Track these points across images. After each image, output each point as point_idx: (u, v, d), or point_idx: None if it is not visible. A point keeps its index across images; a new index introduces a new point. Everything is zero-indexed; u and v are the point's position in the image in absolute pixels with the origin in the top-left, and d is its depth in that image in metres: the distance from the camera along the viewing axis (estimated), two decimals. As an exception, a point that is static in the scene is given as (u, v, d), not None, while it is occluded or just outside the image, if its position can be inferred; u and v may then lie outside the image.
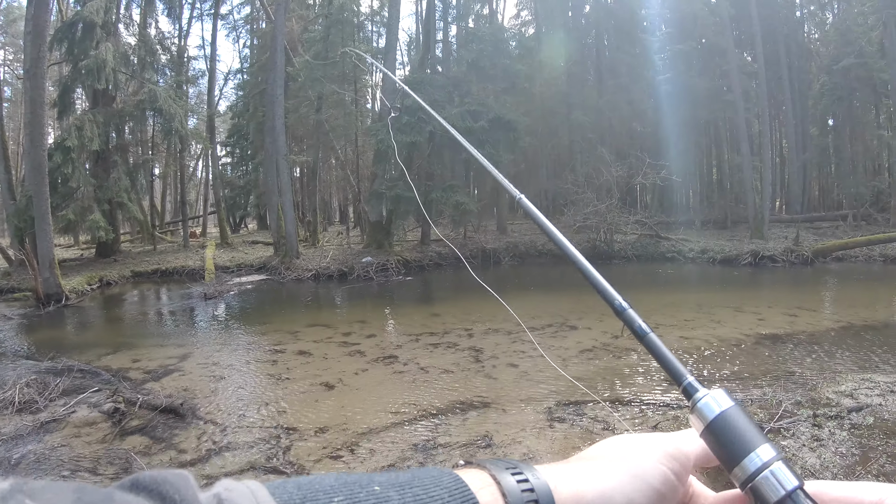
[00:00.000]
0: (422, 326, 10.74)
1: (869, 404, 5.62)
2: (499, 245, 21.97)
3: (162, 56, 24.60)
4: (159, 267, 20.15)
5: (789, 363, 7.85)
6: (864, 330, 10.18)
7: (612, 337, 9.42)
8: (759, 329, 9.98)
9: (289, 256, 19.56)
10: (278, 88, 20.09)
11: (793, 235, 22.52)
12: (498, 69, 21.41)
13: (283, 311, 13.60)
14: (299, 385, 7.35)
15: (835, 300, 14.34)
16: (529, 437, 5.29)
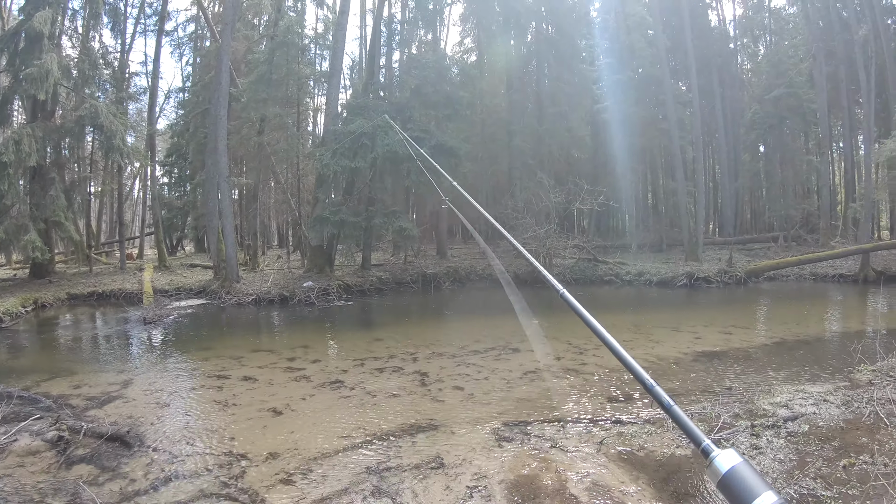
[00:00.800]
0: (366, 351, 10.72)
1: (803, 413, 5.95)
2: (439, 269, 22.07)
3: (104, 71, 23.97)
4: (96, 289, 19.42)
5: (726, 378, 8.15)
6: (797, 345, 10.70)
7: (554, 358, 9.65)
8: (696, 347, 10.35)
9: (229, 280, 19.18)
10: (222, 109, 19.78)
11: (726, 257, 23.40)
12: (440, 96, 21.65)
13: (226, 336, 13.36)
14: (246, 411, 7.25)
15: (768, 317, 14.94)
16: (480, 457, 5.35)
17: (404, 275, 21.36)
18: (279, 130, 24.06)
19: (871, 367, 7.65)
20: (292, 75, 24.37)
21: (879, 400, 6.10)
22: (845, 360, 8.60)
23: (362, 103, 21.46)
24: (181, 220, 33.96)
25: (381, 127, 19.46)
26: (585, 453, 5.35)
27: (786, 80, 30.21)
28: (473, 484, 4.76)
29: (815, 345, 11.04)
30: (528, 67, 27.41)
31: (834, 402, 6.32)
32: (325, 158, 19.33)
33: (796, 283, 21.92)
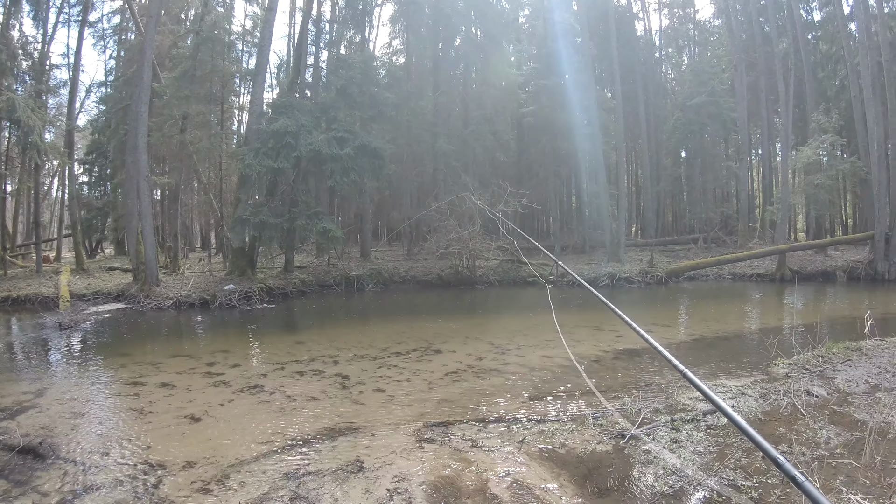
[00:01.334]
0: (287, 354, 10.58)
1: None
2: (362, 272, 22.02)
3: (23, 62, 22.84)
4: (10, 294, 18.51)
5: (646, 375, 8.37)
6: (716, 341, 11.16)
7: (475, 359, 9.72)
8: (616, 345, 10.58)
9: (148, 284, 18.59)
10: (143, 105, 19.11)
11: (647, 258, 24.30)
12: (366, 96, 21.64)
13: (144, 342, 12.92)
14: (163, 419, 7.05)
15: (688, 315, 15.46)
16: (400, 460, 5.29)
17: (327, 277, 21.21)
18: (202, 128, 23.51)
19: (788, 361, 7.93)
20: (217, 72, 23.91)
21: (796, 392, 6.36)
22: (763, 355, 8.89)
23: (287, 102, 21.18)
24: (101, 222, 32.53)
25: (304, 126, 19.33)
26: (506, 452, 5.35)
27: (708, 88, 31.60)
28: (394, 486, 4.73)
29: (734, 341, 11.53)
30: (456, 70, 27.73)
31: (752, 394, 6.49)
32: (248, 158, 19.00)
33: (715, 283, 22.96)
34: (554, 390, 7.74)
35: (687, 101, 32.57)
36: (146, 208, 19.46)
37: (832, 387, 6.65)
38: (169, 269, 22.75)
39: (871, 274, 21.71)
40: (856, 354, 8.12)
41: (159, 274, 19.92)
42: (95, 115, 34.86)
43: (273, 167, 19.11)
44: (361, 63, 22.48)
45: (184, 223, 29.59)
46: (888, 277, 21.19)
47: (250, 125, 22.11)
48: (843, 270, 22.63)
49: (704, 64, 34.31)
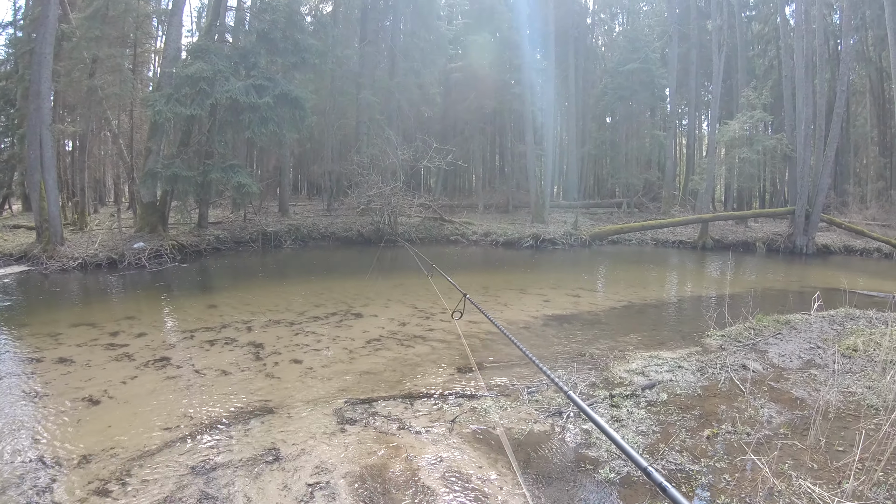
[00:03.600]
0: (197, 321, 9.92)
1: (660, 380, 6.00)
2: (280, 228, 21.51)
3: None
4: None
5: (579, 344, 8.11)
6: (644, 308, 11.20)
7: (399, 324, 9.35)
8: (545, 311, 10.42)
9: (52, 243, 17.39)
10: (47, 46, 17.54)
11: (572, 220, 24.77)
12: (289, 42, 20.73)
13: (43, 309, 11.77)
14: (58, 402, 6.32)
15: (613, 280, 15.46)
16: (320, 445, 4.88)
17: (244, 233, 20.56)
18: (114, 73, 22.05)
19: (721, 333, 8.05)
20: (131, 11, 22.40)
21: (732, 366, 6.41)
22: (693, 324, 8.97)
23: (204, 46, 20.08)
24: (8, 176, 30.39)
25: (221, 72, 18.47)
26: (437, 434, 5.01)
27: (641, 55, 32.14)
28: (314, 480, 4.33)
29: (662, 308, 11.62)
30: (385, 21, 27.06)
31: (689, 368, 6.46)
32: (159, 104, 17.96)
33: (638, 248, 23.61)
34: (483, 361, 7.38)
35: (619, 67, 33.09)
36: (49, 160, 18.17)
37: (766, 361, 6.76)
38: (77, 225, 21.54)
39: (790, 247, 22.69)
40: (785, 328, 8.31)
41: (64, 232, 18.82)
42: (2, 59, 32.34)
43: (186, 115, 18.20)
44: (286, 7, 21.47)
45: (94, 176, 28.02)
46: (806, 252, 22.25)
47: (164, 69, 20.92)
48: (763, 242, 23.78)
49: (638, 32, 34.84)
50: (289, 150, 25.07)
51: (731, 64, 31.31)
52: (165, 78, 20.06)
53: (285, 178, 25.85)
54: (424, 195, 23.07)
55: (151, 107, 18.46)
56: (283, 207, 25.46)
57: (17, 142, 28.06)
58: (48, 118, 18.35)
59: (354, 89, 25.16)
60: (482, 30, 28.01)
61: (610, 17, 45.10)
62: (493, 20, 28.87)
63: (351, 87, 25.28)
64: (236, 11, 24.47)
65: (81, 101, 22.41)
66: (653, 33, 36.39)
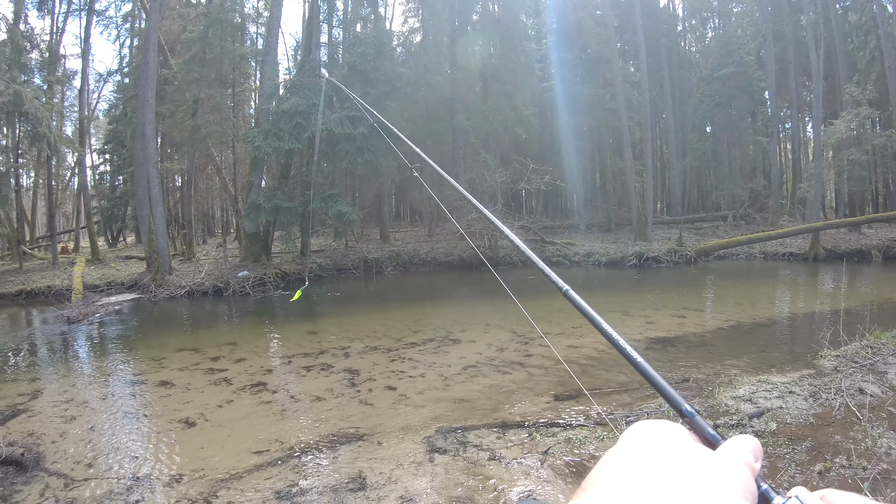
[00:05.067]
0: (296, 346, 10.03)
1: (769, 408, 5.52)
2: (381, 254, 21.47)
3: (32, 54, 22.44)
4: (24, 287, 18.27)
5: (682, 368, 7.67)
6: (753, 328, 10.37)
7: (497, 350, 9.04)
8: (648, 333, 9.92)
9: (161, 273, 18.20)
10: (150, 91, 18.64)
11: (675, 236, 23.38)
12: (380, 73, 20.93)
13: (150, 335, 12.42)
14: (157, 423, 6.58)
15: (720, 299, 14.56)
16: (407, 475, 4.73)
17: (345, 260, 20.70)
18: (214, 112, 23.04)
19: (835, 353, 7.25)
20: (227, 54, 23.36)
21: (848, 390, 5.75)
22: (805, 343, 8.25)
23: (298, 82, 20.57)
24: (121, 210, 32.52)
25: (316, 105, 18.64)
26: (528, 466, 4.73)
27: (735, 59, 30.42)
28: None
29: (772, 327, 10.79)
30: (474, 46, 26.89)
31: (800, 393, 5.92)
32: (257, 140, 18.46)
33: (746, 262, 22.06)
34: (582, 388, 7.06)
35: (713, 73, 31.44)
36: (156, 195, 19.05)
37: (886, 383, 6.04)
38: (185, 255, 22.37)
39: (909, 253, 20.37)
40: (907, 345, 7.41)
41: (173, 262, 19.56)
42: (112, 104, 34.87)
43: (284, 148, 18.60)
44: (375, 39, 21.77)
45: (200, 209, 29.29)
46: (928, 258, 19.94)
47: (260, 106, 21.56)
48: (879, 249, 21.43)
49: (731, 34, 33.06)
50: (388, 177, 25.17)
51: (831, 59, 28.86)
52: (263, 114, 20.62)
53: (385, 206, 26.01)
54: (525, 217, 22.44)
55: (251, 142, 18.92)
56: (384, 234, 25.60)
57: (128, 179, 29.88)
58: (154, 157, 19.19)
59: (448, 115, 25.03)
60: (571, 46, 27.30)
61: (701, 23, 43.16)
62: (581, 35, 28.13)
63: (445, 112, 25.16)
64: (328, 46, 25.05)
65: (186, 139, 23.45)
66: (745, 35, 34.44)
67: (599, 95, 27.31)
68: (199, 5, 29.11)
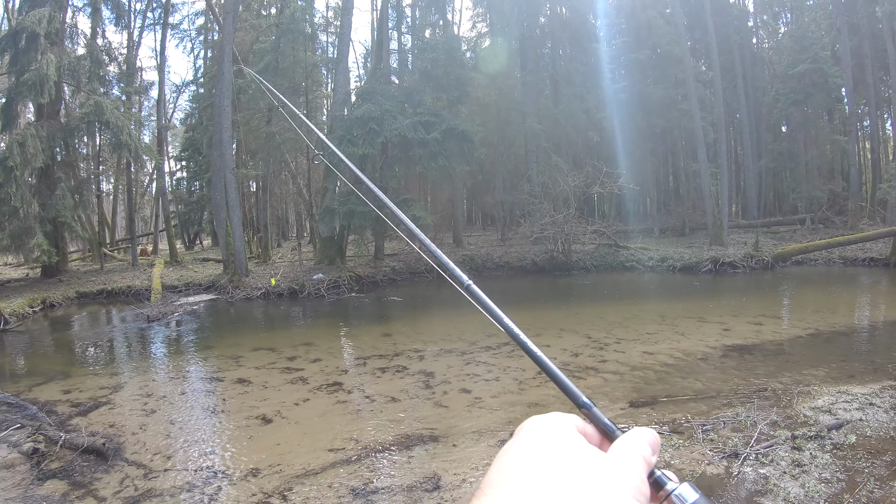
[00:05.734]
0: (371, 348, 10.15)
1: (849, 420, 5.35)
2: (454, 258, 21.21)
3: (110, 67, 23.57)
4: (105, 287, 19.16)
5: (760, 377, 7.46)
6: (833, 336, 10.00)
7: (571, 355, 8.98)
8: (724, 340, 9.67)
9: (237, 274, 18.77)
10: (225, 99, 19.34)
11: (751, 241, 22.53)
12: (451, 78, 21.02)
13: (228, 334, 12.87)
14: (234, 419, 6.78)
15: (799, 306, 14.07)
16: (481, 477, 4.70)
17: (419, 264, 20.81)
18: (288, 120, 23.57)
19: None
20: (299, 63, 23.89)
21: None
22: (887, 353, 7.99)
23: (370, 88, 20.88)
24: (198, 215, 33.85)
25: (389, 111, 18.84)
26: None
27: (810, 55, 29.06)
28: None
29: (853, 336, 10.38)
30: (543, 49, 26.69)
31: (881, 405, 5.71)
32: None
33: (825, 268, 21.07)
34: (657, 395, 6.89)
35: (788, 70, 30.12)
36: (233, 200, 19.64)
37: None
38: (260, 258, 22.96)
39: None
40: None
41: (249, 264, 20.09)
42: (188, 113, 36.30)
43: (358, 154, 18.75)
44: (445, 44, 21.85)
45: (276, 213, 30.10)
46: None
47: (333, 113, 21.95)
48: None
49: (804, 29, 31.59)
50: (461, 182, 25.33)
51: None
52: (336, 121, 21.00)
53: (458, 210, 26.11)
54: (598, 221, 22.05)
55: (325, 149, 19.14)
56: (457, 238, 25.72)
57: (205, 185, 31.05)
58: (231, 163, 19.78)
59: (520, 118, 24.95)
60: (641, 47, 26.73)
61: (772, 17, 41.52)
62: (651, 35, 27.50)
63: (516, 116, 25.10)
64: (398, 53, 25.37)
65: (261, 146, 24.12)
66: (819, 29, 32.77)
67: (671, 96, 26.63)
68: (271, 17, 29.97)
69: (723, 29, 30.76)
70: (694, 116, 24.94)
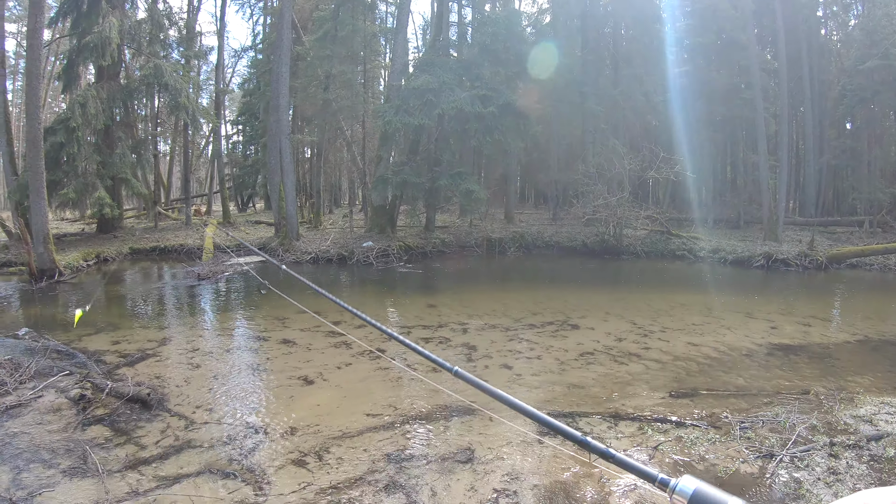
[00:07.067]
0: (416, 318, 10.30)
1: (890, 432, 5.23)
2: (505, 234, 21.38)
3: (170, 31, 24.05)
4: (158, 244, 19.73)
5: (803, 379, 7.31)
6: (882, 345, 9.68)
7: (615, 340, 8.92)
8: (771, 338, 9.48)
9: (289, 238, 19.13)
10: (284, 66, 19.57)
11: (807, 239, 21.90)
12: (511, 53, 20.85)
13: (275, 296, 13.05)
14: (277, 378, 6.94)
15: (850, 310, 13.63)
16: (515, 454, 4.82)
17: (468, 238, 20.84)
18: (345, 88, 23.76)
19: None
20: (358, 32, 23.91)
21: None
22: None
23: (429, 60, 20.85)
24: (252, 178, 34.49)
25: (446, 84, 18.78)
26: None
27: (881, 49, 27.84)
28: (502, 487, 4.27)
29: None
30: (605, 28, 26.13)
31: None
32: (388, 115, 18.88)
33: (880, 274, 20.29)
34: (698, 387, 6.79)
35: (856, 65, 28.92)
36: (288, 165, 19.94)
37: None
38: (311, 224, 23.31)
39: None
40: None
41: (300, 229, 20.41)
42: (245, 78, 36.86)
43: (414, 124, 18.85)
44: (505, 19, 21.64)
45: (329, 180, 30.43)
46: None
47: (391, 83, 22.00)
48: None
49: (875, 22, 30.20)
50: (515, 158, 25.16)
51: None
52: (394, 90, 21.03)
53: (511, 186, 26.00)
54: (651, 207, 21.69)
55: (382, 117, 19.35)
56: (509, 215, 25.66)
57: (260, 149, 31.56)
58: (287, 129, 20.07)
59: (578, 98, 24.61)
60: (706, 31, 25.97)
61: (843, 8, 39.79)
62: (716, 20, 26.67)
63: (574, 96, 24.73)
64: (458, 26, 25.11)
65: (317, 113, 24.34)
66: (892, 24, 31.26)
67: (734, 84, 25.89)
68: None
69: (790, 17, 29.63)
70: (757, 106, 24.19)
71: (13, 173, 18.15)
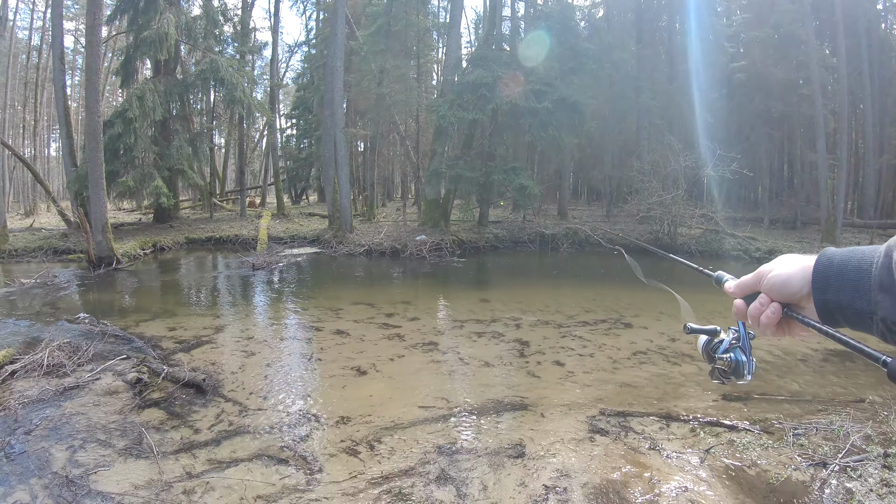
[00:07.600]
0: (468, 312, 10.32)
1: None
2: (558, 230, 21.32)
3: (225, 27, 24.70)
4: (213, 234, 20.36)
5: (860, 387, 7.12)
6: None
7: (668, 339, 8.83)
8: (826, 344, 9.18)
9: (342, 230, 19.51)
10: (338, 60, 19.89)
11: (865, 241, 21.27)
12: (565, 48, 20.78)
13: (330, 287, 13.38)
14: (330, 368, 7.06)
15: None
16: (566, 450, 4.84)
17: (522, 233, 20.89)
18: (399, 82, 24.01)
19: None
20: (411, 27, 24.13)
21: None
22: None
23: (483, 54, 20.93)
24: (306, 171, 35.23)
25: (500, 78, 18.86)
26: (687, 462, 4.71)
27: (945, 45, 26.86)
28: (552, 483, 4.27)
29: None
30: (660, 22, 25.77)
31: None
32: (442, 109, 19.05)
33: None
34: (752, 391, 6.67)
35: (919, 61, 27.94)
36: (342, 158, 20.29)
37: None
38: (364, 216, 23.70)
39: None
40: None
41: (354, 221, 20.79)
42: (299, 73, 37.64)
43: (468, 119, 18.98)
44: (559, 13, 21.61)
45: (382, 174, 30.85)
46: None
47: (445, 77, 22.16)
48: None
49: (939, 16, 29.10)
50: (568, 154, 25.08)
51: None
52: (447, 85, 21.19)
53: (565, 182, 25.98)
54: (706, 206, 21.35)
55: (436, 112, 19.52)
56: (562, 211, 25.64)
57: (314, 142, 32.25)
58: (341, 122, 20.44)
59: (633, 93, 24.36)
60: (763, 25, 25.41)
61: (906, 1, 38.33)
62: (773, 13, 26.06)
63: (629, 91, 24.49)
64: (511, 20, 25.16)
65: (371, 107, 24.68)
66: (955, 18, 30.08)
67: (792, 80, 25.28)
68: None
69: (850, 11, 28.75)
70: (816, 103, 23.59)
71: (72, 164, 18.97)
